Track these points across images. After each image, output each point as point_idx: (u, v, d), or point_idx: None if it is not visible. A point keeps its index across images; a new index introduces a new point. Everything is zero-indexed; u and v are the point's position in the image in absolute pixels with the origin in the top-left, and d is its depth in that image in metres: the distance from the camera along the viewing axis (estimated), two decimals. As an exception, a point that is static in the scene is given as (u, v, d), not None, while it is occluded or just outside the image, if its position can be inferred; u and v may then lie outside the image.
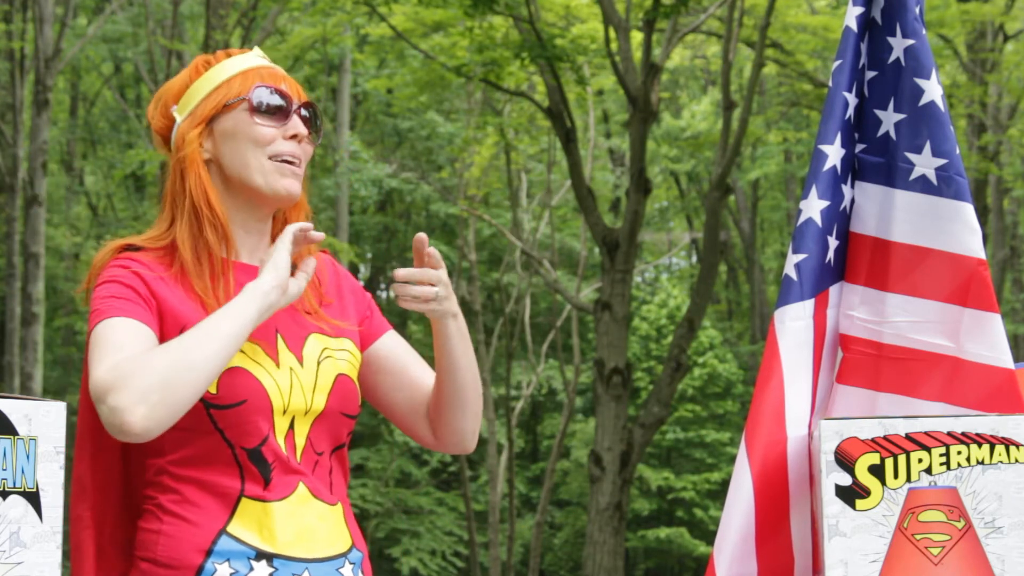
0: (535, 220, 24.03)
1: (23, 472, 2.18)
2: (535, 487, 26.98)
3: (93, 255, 2.73)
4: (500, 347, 24.20)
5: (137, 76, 24.62)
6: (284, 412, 2.52)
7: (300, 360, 2.57)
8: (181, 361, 2.35)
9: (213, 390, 2.46)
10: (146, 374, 2.32)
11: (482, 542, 23.41)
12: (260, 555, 2.46)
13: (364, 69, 24.43)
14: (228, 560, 2.45)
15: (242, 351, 2.50)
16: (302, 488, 2.53)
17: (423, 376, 2.73)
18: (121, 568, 2.56)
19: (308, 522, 2.51)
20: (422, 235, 2.57)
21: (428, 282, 2.57)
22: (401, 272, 2.56)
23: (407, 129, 25.12)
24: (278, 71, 2.65)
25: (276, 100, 2.60)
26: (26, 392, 16.42)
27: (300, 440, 2.54)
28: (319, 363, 2.59)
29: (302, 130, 2.61)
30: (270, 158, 2.58)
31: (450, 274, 25.96)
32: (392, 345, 2.75)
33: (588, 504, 14.38)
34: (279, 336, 2.57)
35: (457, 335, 2.65)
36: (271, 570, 2.46)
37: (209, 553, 2.45)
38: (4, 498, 2.16)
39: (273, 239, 2.66)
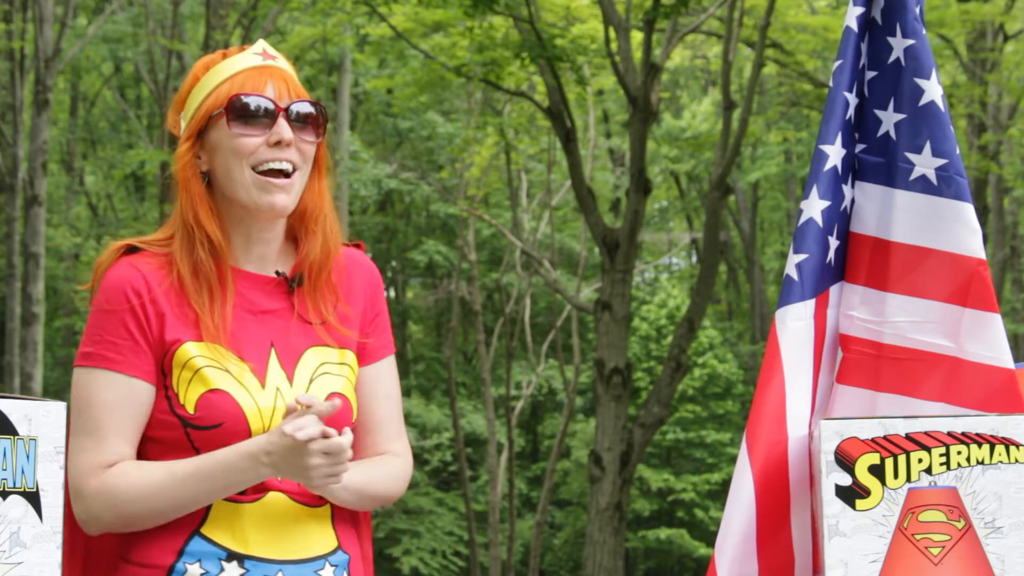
0: (535, 220, 24.03)
1: (23, 472, 2.17)
2: (535, 487, 26.98)
3: (93, 255, 2.70)
4: (500, 347, 24.20)
5: (137, 76, 24.63)
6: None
7: (291, 378, 2.51)
8: (149, 505, 2.41)
9: (191, 411, 2.44)
10: (114, 509, 2.42)
11: (482, 542, 23.41)
12: (231, 556, 2.45)
13: (364, 69, 24.43)
14: (199, 560, 2.44)
15: (227, 370, 2.46)
16: (278, 492, 2.50)
17: (378, 425, 2.63)
18: (108, 569, 2.55)
19: (283, 523, 2.48)
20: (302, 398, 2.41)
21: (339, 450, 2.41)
22: (320, 440, 2.36)
23: (407, 129, 25.13)
24: (273, 68, 2.54)
25: (254, 107, 2.49)
26: (26, 392, 16.41)
27: None
28: (312, 380, 2.53)
29: (286, 135, 2.49)
30: (254, 168, 2.49)
31: (450, 274, 26.04)
32: (375, 377, 2.63)
33: (588, 504, 14.38)
34: (273, 350, 2.52)
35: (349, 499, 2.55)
36: (242, 571, 2.45)
37: (181, 553, 2.45)
38: (4, 498, 2.15)
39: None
